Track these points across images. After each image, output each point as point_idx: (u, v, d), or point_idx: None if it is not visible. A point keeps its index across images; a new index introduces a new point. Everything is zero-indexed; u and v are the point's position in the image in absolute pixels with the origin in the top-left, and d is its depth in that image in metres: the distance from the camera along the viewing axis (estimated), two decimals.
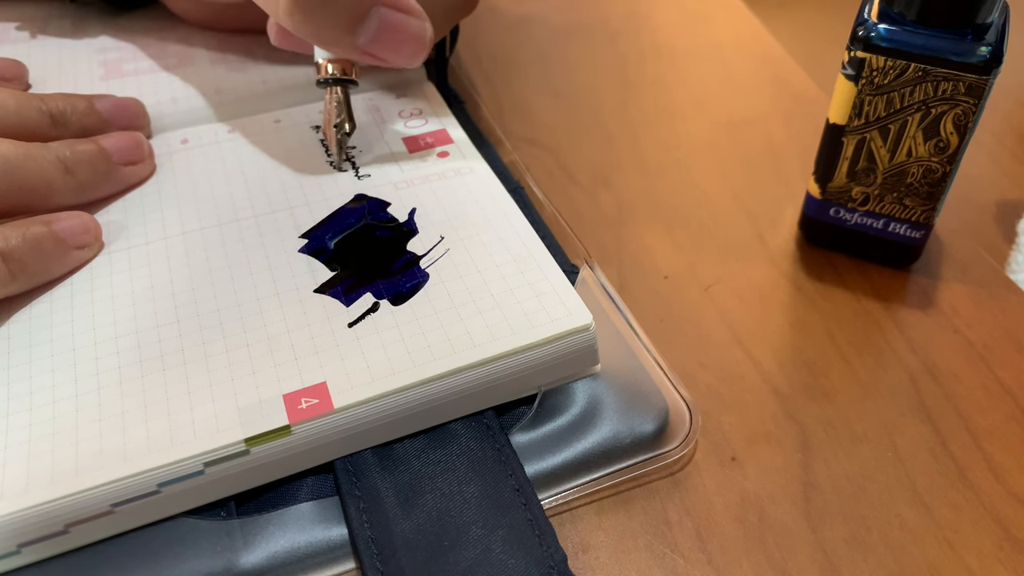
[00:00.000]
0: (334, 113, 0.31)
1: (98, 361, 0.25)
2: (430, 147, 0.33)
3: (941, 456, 0.27)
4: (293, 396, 0.24)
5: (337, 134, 0.31)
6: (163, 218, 0.30)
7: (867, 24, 0.28)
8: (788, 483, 0.26)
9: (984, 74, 0.27)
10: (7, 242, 0.26)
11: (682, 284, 0.32)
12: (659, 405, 0.26)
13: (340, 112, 0.31)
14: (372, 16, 0.28)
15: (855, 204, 0.32)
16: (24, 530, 0.21)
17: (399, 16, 0.28)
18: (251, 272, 0.27)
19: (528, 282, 0.27)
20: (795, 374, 0.29)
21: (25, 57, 0.36)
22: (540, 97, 0.41)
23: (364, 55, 0.29)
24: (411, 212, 0.30)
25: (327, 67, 0.30)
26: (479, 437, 0.25)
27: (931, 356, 0.29)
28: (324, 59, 0.30)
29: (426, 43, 0.29)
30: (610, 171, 0.37)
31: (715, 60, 0.44)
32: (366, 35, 0.28)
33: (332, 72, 0.30)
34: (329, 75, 0.30)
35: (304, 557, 0.23)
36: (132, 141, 0.31)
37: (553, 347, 0.25)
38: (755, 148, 0.38)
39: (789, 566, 0.24)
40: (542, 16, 0.47)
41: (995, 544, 0.24)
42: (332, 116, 0.31)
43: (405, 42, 0.29)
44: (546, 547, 0.22)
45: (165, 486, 0.22)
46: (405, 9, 0.29)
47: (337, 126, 0.31)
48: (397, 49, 0.29)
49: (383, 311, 0.26)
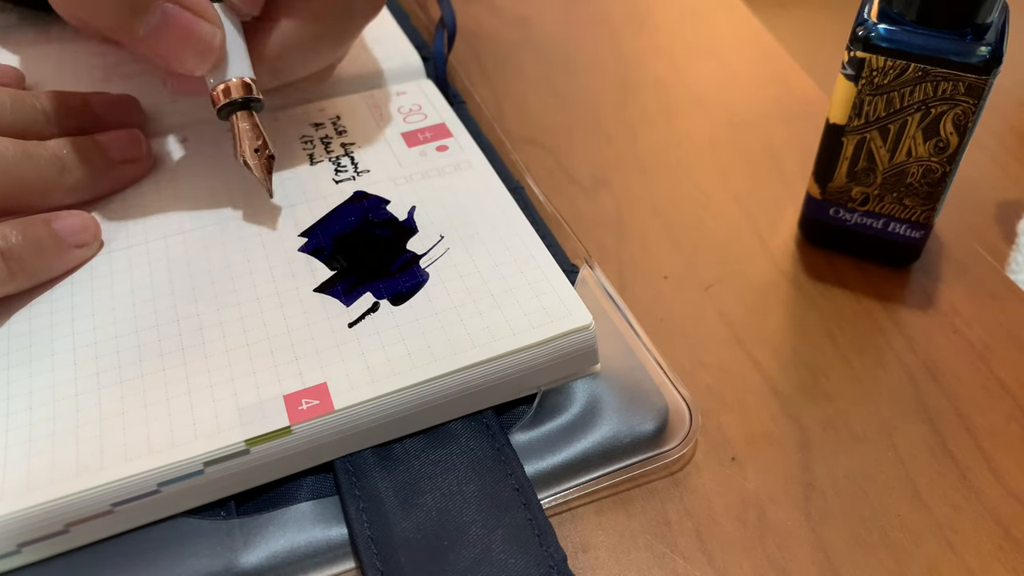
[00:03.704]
0: (250, 138, 0.28)
1: (98, 361, 0.25)
2: (429, 141, 0.33)
3: (941, 456, 0.27)
4: (293, 397, 0.24)
5: (261, 158, 0.28)
6: (163, 217, 0.30)
7: (867, 24, 0.28)
8: (788, 483, 0.26)
9: (984, 74, 0.27)
10: (6, 241, 0.26)
11: (682, 284, 0.32)
12: (659, 405, 0.26)
13: (257, 135, 0.28)
14: (154, 9, 0.25)
15: (855, 204, 0.32)
16: (24, 530, 0.21)
17: (185, 15, 0.26)
18: (251, 271, 0.27)
19: (528, 282, 0.27)
20: (795, 374, 0.29)
21: (25, 61, 0.36)
22: (540, 97, 0.41)
23: (146, 49, 0.26)
24: (411, 210, 0.30)
25: (225, 92, 0.28)
26: (479, 437, 0.25)
27: (931, 356, 0.29)
28: (218, 87, 0.28)
29: (215, 49, 0.27)
30: (610, 171, 0.37)
31: (715, 60, 0.44)
32: (145, 28, 0.26)
33: (233, 96, 0.28)
34: (231, 99, 0.28)
35: (304, 557, 0.23)
36: (129, 138, 0.31)
37: (553, 347, 0.25)
38: (755, 148, 0.38)
39: (789, 566, 0.24)
40: (542, 16, 0.47)
41: (995, 544, 0.24)
42: (250, 142, 0.28)
43: (189, 43, 0.26)
44: (546, 547, 0.22)
45: (165, 486, 0.22)
46: (195, 9, 0.26)
47: (259, 150, 0.28)
48: (180, 49, 0.26)
49: (383, 311, 0.26)
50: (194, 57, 0.27)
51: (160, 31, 0.26)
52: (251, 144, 0.28)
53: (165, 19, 0.26)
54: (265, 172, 0.29)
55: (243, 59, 0.28)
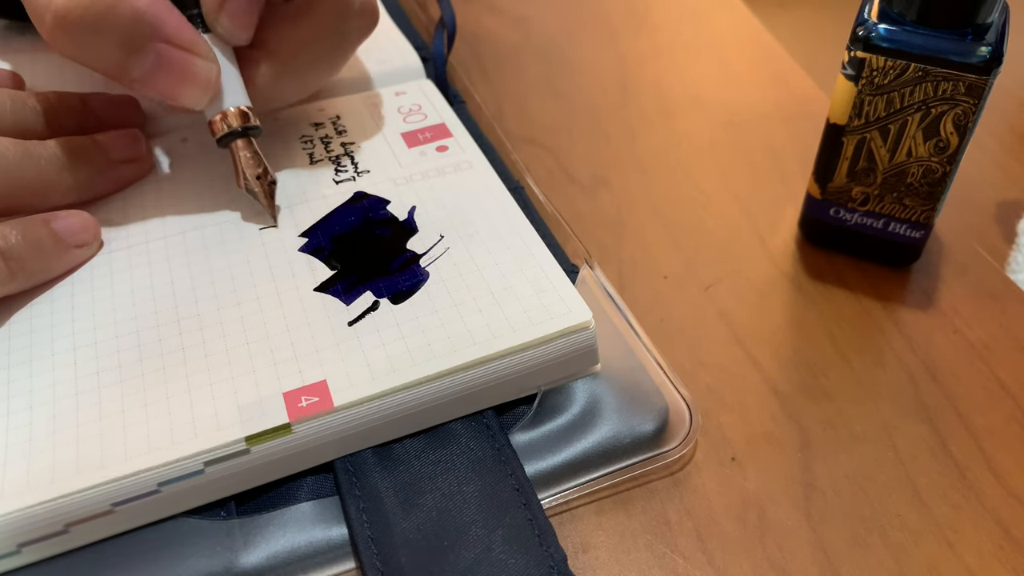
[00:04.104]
0: (251, 167, 0.28)
1: (98, 360, 0.25)
2: (428, 141, 0.33)
3: (941, 456, 0.27)
4: (293, 394, 0.24)
5: (263, 185, 0.29)
6: (163, 217, 0.30)
7: (867, 24, 0.28)
8: (788, 483, 0.26)
9: (984, 74, 0.27)
10: (6, 241, 0.26)
11: (682, 284, 0.32)
12: (659, 405, 0.26)
13: (259, 163, 0.29)
14: (147, 50, 0.26)
15: (855, 204, 0.32)
16: (24, 530, 0.21)
17: (179, 54, 0.26)
18: (251, 271, 0.27)
19: (528, 280, 0.27)
20: (795, 374, 0.29)
21: (24, 65, 0.36)
22: (540, 97, 0.41)
23: (143, 89, 0.27)
24: (411, 210, 0.30)
25: (225, 121, 0.28)
26: (479, 437, 0.25)
27: (931, 356, 0.29)
28: (216, 117, 0.28)
29: (211, 84, 0.27)
30: (610, 171, 0.37)
31: (715, 60, 0.44)
32: (140, 69, 0.26)
33: (232, 126, 0.28)
34: (231, 129, 0.28)
35: (304, 557, 0.23)
36: (129, 137, 0.31)
37: (553, 345, 0.25)
38: (755, 148, 0.38)
39: (789, 566, 0.24)
40: (542, 16, 0.47)
41: (995, 544, 0.24)
42: (251, 170, 0.28)
43: (185, 81, 0.27)
44: (546, 547, 0.22)
45: (165, 485, 0.22)
46: (188, 48, 0.26)
47: (260, 177, 0.29)
48: (177, 87, 0.27)
49: (383, 309, 0.26)
50: (191, 94, 0.27)
51: (155, 71, 0.26)
52: (253, 172, 0.28)
53: (159, 59, 0.26)
54: (269, 199, 0.29)
55: (239, 88, 0.28)
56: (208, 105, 0.28)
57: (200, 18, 0.28)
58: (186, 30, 0.26)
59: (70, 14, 0.24)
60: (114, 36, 0.25)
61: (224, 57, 0.28)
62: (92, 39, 0.25)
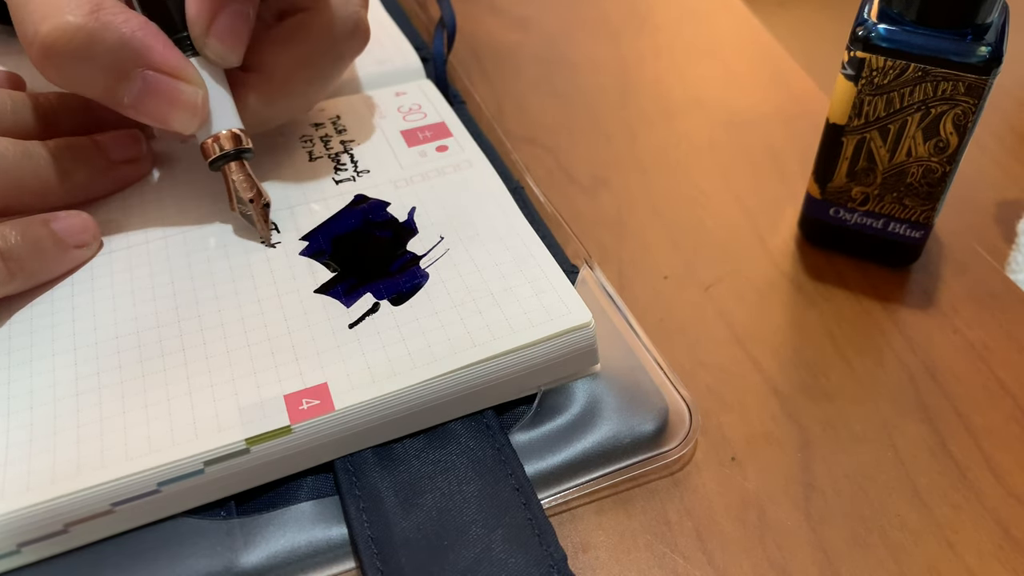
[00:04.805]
0: (244, 190, 0.28)
1: (99, 360, 0.25)
2: (428, 141, 0.33)
3: (941, 456, 0.27)
4: (294, 396, 0.24)
5: (257, 207, 0.28)
6: (163, 217, 0.30)
7: (867, 24, 0.28)
8: (788, 483, 0.26)
9: (984, 74, 0.27)
10: (6, 241, 0.26)
11: (682, 284, 0.32)
12: (659, 405, 0.26)
13: (251, 185, 0.28)
14: (135, 77, 0.26)
15: (855, 204, 0.32)
16: (24, 529, 0.21)
17: (165, 80, 0.26)
18: (252, 273, 0.27)
19: (527, 281, 0.27)
20: (795, 374, 0.29)
21: (25, 66, 0.35)
22: (540, 97, 0.41)
23: (133, 114, 0.27)
24: (411, 211, 0.30)
25: (217, 144, 0.28)
26: (479, 437, 0.25)
27: (931, 356, 0.30)
28: (208, 140, 0.28)
29: (199, 109, 0.27)
30: (610, 171, 0.37)
31: (715, 60, 0.44)
32: (130, 95, 0.26)
33: (225, 148, 0.28)
34: (223, 152, 0.28)
35: (304, 557, 0.23)
36: (129, 138, 0.31)
37: (553, 345, 0.25)
38: (755, 148, 0.38)
39: (789, 566, 0.24)
40: (542, 16, 0.47)
41: (995, 544, 0.24)
42: (245, 193, 0.28)
43: (174, 107, 0.27)
44: (546, 546, 0.22)
45: (165, 485, 0.22)
46: (174, 73, 0.26)
47: (253, 200, 0.28)
48: (166, 112, 0.27)
49: (383, 311, 0.26)
50: (180, 118, 0.27)
51: (143, 97, 0.26)
52: (246, 195, 0.28)
53: (146, 86, 0.26)
54: (263, 221, 0.29)
55: (230, 111, 0.28)
56: (198, 128, 0.28)
57: (189, 41, 0.28)
58: (172, 55, 0.26)
59: (56, 43, 0.24)
60: (100, 64, 0.25)
61: (214, 80, 0.28)
62: (79, 67, 0.25)
